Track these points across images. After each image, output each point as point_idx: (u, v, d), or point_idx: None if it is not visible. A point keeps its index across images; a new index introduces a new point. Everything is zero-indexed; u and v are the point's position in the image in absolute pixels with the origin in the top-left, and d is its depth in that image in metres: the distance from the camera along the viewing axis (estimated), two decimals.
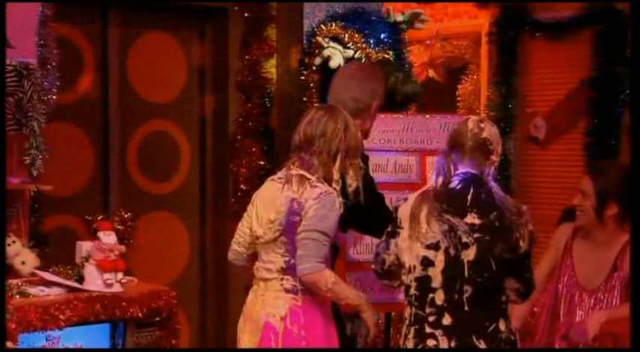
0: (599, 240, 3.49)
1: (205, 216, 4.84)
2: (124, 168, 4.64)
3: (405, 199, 2.97)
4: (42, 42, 3.68)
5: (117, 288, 3.43)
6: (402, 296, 3.10)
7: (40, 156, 3.63)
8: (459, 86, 5.86)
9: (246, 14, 4.63)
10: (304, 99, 4.61)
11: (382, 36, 4.59)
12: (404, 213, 2.91)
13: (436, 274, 2.80)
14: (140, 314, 3.35)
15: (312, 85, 4.59)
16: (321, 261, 2.94)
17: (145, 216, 4.65)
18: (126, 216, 3.89)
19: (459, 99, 5.84)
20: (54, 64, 3.72)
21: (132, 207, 4.23)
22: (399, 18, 4.68)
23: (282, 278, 3.01)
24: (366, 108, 3.47)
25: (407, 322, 2.88)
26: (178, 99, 4.80)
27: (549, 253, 3.63)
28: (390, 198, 4.19)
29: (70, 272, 3.51)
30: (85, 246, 3.53)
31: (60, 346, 3.21)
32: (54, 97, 3.73)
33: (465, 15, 5.80)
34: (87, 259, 3.48)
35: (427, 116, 4.29)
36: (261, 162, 4.59)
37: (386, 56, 4.54)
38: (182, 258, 4.82)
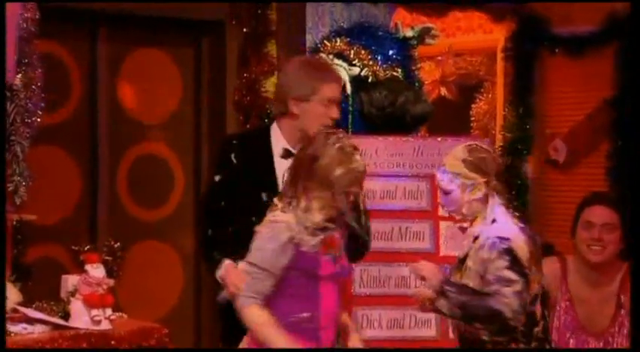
0: (601, 276, 3.42)
1: None
2: (113, 193, 4.64)
3: (508, 239, 2.96)
4: (26, 60, 3.69)
5: (105, 325, 3.41)
6: (412, 334, 3.10)
7: (24, 183, 3.62)
8: (472, 105, 5.87)
9: (244, 29, 4.65)
10: None
11: (390, 52, 4.60)
12: (525, 256, 2.95)
13: (539, 308, 3.04)
14: None
15: None
16: (251, 296, 2.89)
17: (136, 245, 4.64)
18: (115, 245, 3.87)
19: (472, 119, 5.85)
20: (39, 83, 3.72)
21: (121, 236, 4.21)
22: (409, 33, 4.69)
23: None
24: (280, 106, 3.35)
25: None
26: (172, 120, 4.81)
27: None
28: (399, 228, 4.20)
29: (54, 308, 3.49)
30: (70, 280, 3.51)
31: None
32: (39, 119, 3.72)
33: (479, 29, 5.82)
34: (73, 294, 3.47)
35: (439, 138, 4.30)
36: None
37: (394, 74, 4.56)
38: (175, 291, 4.81)
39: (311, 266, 2.88)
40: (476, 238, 3.01)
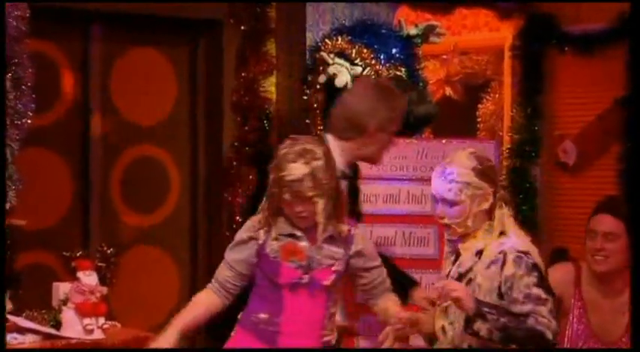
0: (611, 285, 3.41)
1: (197, 252, 4.82)
2: (107, 197, 4.64)
3: (529, 253, 2.94)
4: (15, 60, 3.69)
5: (98, 335, 3.41)
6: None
7: (13, 187, 3.62)
8: (479, 106, 5.87)
9: (242, 27, 4.65)
10: (307, 121, 4.62)
11: (394, 51, 4.60)
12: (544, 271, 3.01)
13: None
14: None
15: (315, 105, 4.60)
16: (211, 282, 3.07)
17: (130, 251, 4.64)
18: (108, 251, 3.87)
19: (479, 120, 5.85)
20: (29, 83, 3.72)
21: (115, 242, 4.22)
22: (413, 31, 4.69)
23: None
24: (358, 128, 3.43)
25: None
26: (167, 122, 4.81)
27: None
28: (402, 233, 4.20)
29: (45, 317, 3.49)
30: (62, 288, 3.51)
31: None
32: (29, 121, 3.72)
33: (486, 27, 5.82)
34: (65, 302, 3.47)
35: (444, 140, 4.30)
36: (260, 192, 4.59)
37: (398, 73, 4.55)
38: (171, 298, 4.80)
39: (270, 270, 2.95)
40: (479, 252, 2.94)
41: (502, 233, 2.94)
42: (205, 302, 3.02)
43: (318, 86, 4.58)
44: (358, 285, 3.08)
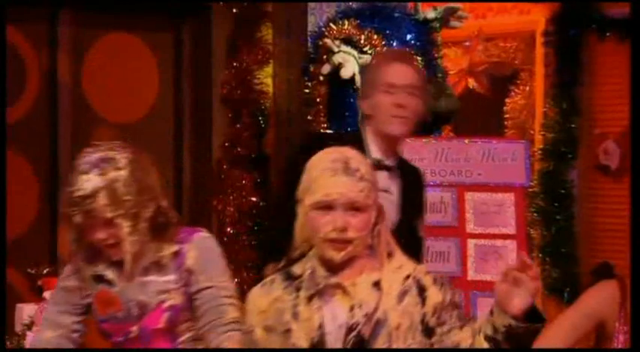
0: None
1: None
2: None
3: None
4: None
5: None
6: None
7: None
8: (507, 100, 5.89)
9: (234, 10, 4.66)
10: (309, 117, 4.64)
11: (408, 37, 4.62)
12: None
13: None
14: None
15: (318, 100, 4.63)
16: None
17: None
18: None
19: (507, 116, 5.88)
20: None
21: None
22: (430, 14, 4.71)
23: None
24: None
25: None
26: (147, 119, 4.83)
27: (576, 319, 3.34)
28: None
29: (8, 342, 3.52)
30: (26, 310, 3.54)
31: None
32: None
33: (515, 10, 5.84)
34: (29, 327, 3.49)
35: (466, 140, 4.32)
36: (253, 198, 4.62)
37: None
38: None
39: (98, 328, 2.84)
40: (376, 283, 2.53)
41: (389, 254, 2.58)
42: None
43: (321, 77, 4.60)
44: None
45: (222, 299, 2.77)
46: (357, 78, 4.46)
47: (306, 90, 4.66)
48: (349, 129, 4.53)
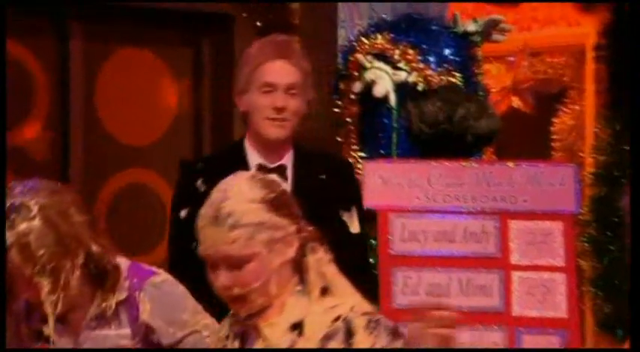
0: None
1: None
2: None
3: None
4: None
5: None
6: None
7: None
8: (554, 120, 5.87)
9: (257, 23, 4.69)
10: (338, 139, 4.64)
11: (446, 52, 4.61)
12: None
13: None
14: None
15: (349, 120, 4.62)
16: None
17: None
18: None
19: (554, 138, 5.85)
20: None
21: None
22: (470, 27, 4.69)
23: None
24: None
25: None
26: (164, 141, 4.85)
27: None
28: (459, 279, 4.20)
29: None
30: None
31: None
32: None
33: (563, 21, 5.82)
34: None
35: (510, 164, 4.29)
36: None
37: (452, 80, 4.57)
38: None
39: None
40: (296, 326, 2.42)
41: (324, 290, 2.45)
42: None
43: (352, 96, 4.60)
44: None
45: (207, 340, 2.72)
46: (391, 96, 4.46)
47: (336, 110, 4.65)
48: (381, 151, 4.54)
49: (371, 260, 4.41)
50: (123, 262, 2.75)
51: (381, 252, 4.04)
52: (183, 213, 3.44)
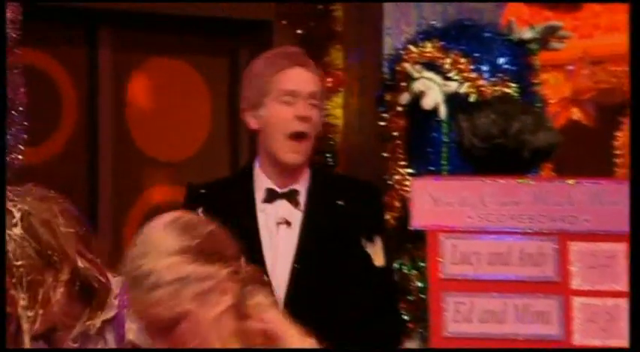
0: None
1: None
2: (118, 255, 4.68)
3: None
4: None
5: None
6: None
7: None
8: (617, 134, 5.82)
9: (298, 31, 4.69)
10: (384, 154, 4.62)
11: (501, 61, 4.60)
12: None
13: None
14: None
15: (395, 134, 4.60)
16: None
17: None
18: None
19: (617, 153, 5.80)
20: (20, 108, 3.80)
21: None
22: (527, 34, 4.67)
23: None
24: None
25: None
26: (199, 157, 4.86)
27: None
28: (515, 305, 4.16)
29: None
30: None
31: None
32: (20, 156, 3.79)
33: (626, 27, 5.79)
34: None
35: (570, 181, 4.25)
36: None
37: (507, 91, 4.55)
38: None
39: None
40: None
41: (267, 338, 2.36)
42: None
43: (399, 108, 4.59)
44: None
45: None
46: (441, 108, 4.44)
47: (382, 123, 4.63)
48: (430, 167, 4.52)
49: (419, 284, 4.39)
50: (117, 280, 2.67)
51: (430, 275, 3.99)
52: None
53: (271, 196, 3.33)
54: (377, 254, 3.54)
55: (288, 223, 3.38)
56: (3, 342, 2.71)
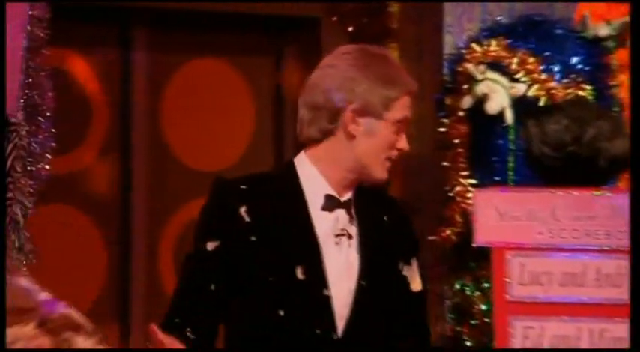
0: None
1: None
2: (153, 274, 4.73)
3: None
4: (30, 79, 3.77)
5: None
6: None
7: (25, 261, 3.68)
8: None
9: (349, 28, 4.67)
10: (444, 164, 4.61)
11: (573, 60, 4.57)
12: None
13: None
14: None
15: (457, 141, 4.58)
16: None
17: None
18: None
19: None
20: (48, 114, 3.80)
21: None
22: (602, 31, 4.65)
23: None
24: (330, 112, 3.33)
25: None
26: (241, 166, 4.87)
27: None
28: (590, 330, 4.12)
29: None
30: None
31: None
32: (47, 166, 3.79)
33: None
34: None
35: None
36: None
37: (581, 94, 4.51)
38: None
39: None
40: None
41: None
42: None
43: (460, 113, 4.57)
44: None
45: None
46: (507, 113, 4.42)
47: (442, 129, 4.62)
48: (495, 178, 4.49)
49: (483, 306, 4.37)
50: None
51: (495, 297, 3.99)
52: (210, 246, 3.23)
53: (332, 204, 3.27)
54: (414, 278, 3.51)
55: (349, 236, 3.34)
56: (3, 342, 2.71)
